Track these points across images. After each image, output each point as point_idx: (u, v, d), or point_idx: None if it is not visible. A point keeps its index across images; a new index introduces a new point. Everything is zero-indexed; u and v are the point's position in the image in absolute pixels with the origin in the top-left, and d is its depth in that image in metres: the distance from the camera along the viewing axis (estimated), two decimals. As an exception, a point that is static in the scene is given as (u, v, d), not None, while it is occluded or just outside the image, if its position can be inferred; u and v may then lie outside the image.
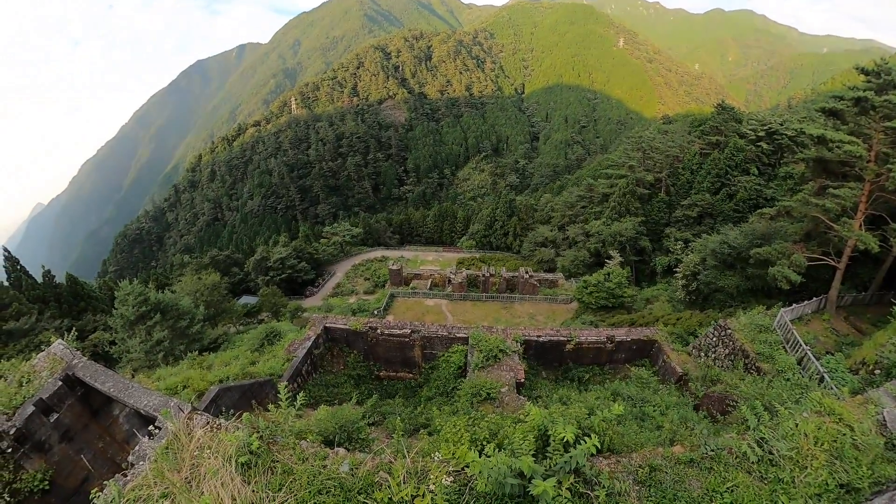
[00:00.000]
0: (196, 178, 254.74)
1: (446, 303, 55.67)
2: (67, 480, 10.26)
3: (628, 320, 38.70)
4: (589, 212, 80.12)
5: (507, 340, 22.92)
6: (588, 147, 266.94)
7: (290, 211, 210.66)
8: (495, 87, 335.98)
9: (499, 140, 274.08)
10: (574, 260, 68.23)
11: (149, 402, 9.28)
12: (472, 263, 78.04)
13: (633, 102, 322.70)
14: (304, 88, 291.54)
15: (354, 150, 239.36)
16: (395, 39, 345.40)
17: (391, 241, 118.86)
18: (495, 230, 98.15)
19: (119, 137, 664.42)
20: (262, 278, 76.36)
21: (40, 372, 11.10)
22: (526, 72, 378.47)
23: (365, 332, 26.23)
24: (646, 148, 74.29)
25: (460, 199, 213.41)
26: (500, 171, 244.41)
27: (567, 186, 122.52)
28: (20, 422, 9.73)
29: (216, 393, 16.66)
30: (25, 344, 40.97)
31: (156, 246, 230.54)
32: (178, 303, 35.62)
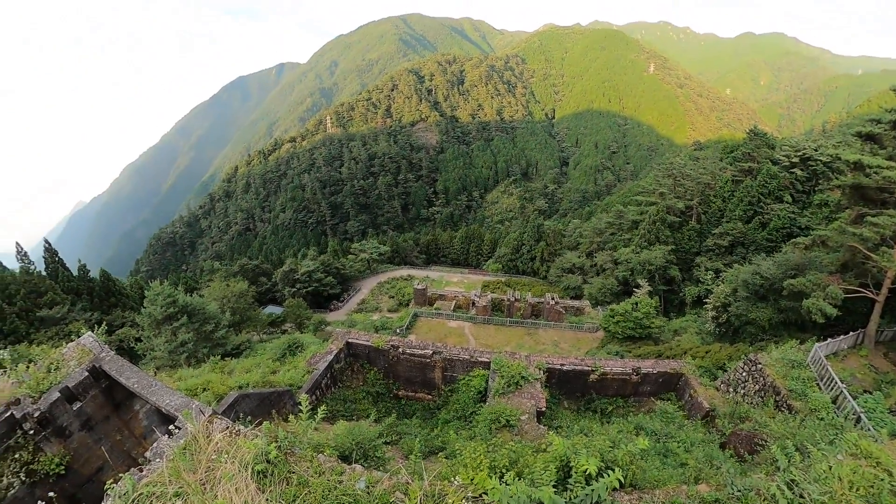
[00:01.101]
0: (231, 188, 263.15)
1: (469, 325, 55.10)
2: (83, 468, 10.42)
3: (655, 352, 37.54)
4: (618, 239, 78.71)
5: (529, 367, 22.56)
6: (618, 173, 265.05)
7: (320, 226, 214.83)
8: (526, 112, 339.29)
9: (528, 164, 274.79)
10: (601, 288, 66.89)
11: (171, 401, 9.39)
12: (498, 287, 77.39)
13: (663, 128, 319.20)
14: (340, 108, 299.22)
15: (386, 170, 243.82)
16: (428, 63, 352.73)
17: (417, 261, 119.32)
18: (522, 254, 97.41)
19: (160, 145, 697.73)
20: (289, 290, 77.39)
21: (68, 361, 11.43)
22: (557, 97, 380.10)
23: (387, 350, 26.20)
24: (677, 175, 73.18)
25: (488, 222, 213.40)
26: (529, 196, 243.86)
27: (596, 212, 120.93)
28: (45, 406, 9.99)
29: (235, 398, 16.83)
30: (56, 332, 42.76)
31: (188, 250, 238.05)
32: (205, 307, 36.31)
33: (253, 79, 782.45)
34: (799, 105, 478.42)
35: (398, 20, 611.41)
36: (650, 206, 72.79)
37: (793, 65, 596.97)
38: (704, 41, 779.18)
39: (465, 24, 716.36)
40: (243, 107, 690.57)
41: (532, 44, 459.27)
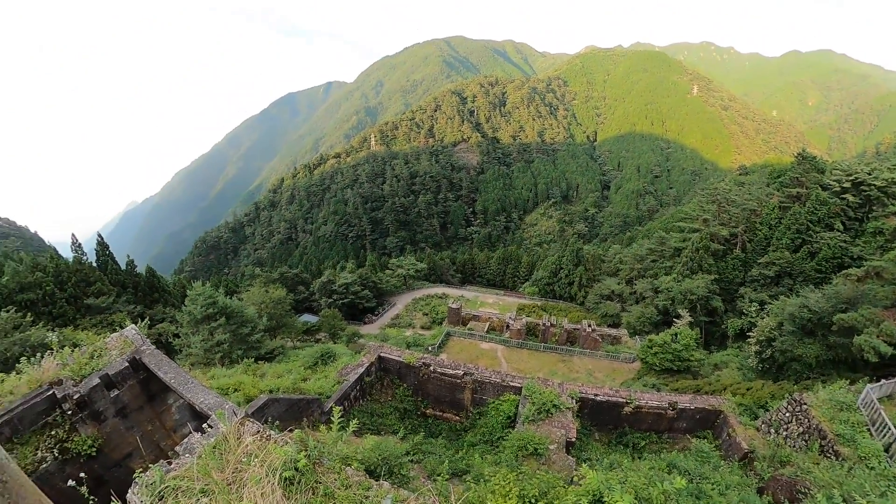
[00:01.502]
0: (276, 198, 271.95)
1: (502, 348, 54.29)
2: (113, 452, 10.77)
3: (693, 386, 35.85)
4: (659, 266, 76.61)
5: (562, 396, 21.97)
6: (660, 198, 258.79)
7: (359, 240, 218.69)
8: (567, 135, 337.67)
9: (569, 187, 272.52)
10: (640, 317, 64.92)
11: (205, 399, 9.59)
12: (533, 311, 76.22)
13: (707, 152, 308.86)
14: (384, 127, 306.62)
15: (426, 189, 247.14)
16: (471, 85, 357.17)
17: (453, 280, 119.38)
18: (560, 278, 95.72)
19: (211, 153, 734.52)
20: (326, 300, 78.90)
21: (111, 350, 11.97)
22: (598, 119, 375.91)
23: (418, 367, 26.06)
24: (721, 200, 70.97)
25: (526, 244, 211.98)
26: (569, 219, 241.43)
27: (637, 238, 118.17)
28: (84, 390, 10.46)
29: (265, 402, 17.01)
30: (100, 320, 45.21)
31: (230, 255, 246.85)
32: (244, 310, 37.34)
33: (302, 95, 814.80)
34: (850, 126, 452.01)
35: (442, 42, 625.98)
36: (693, 234, 70.83)
37: (842, 83, 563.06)
38: (749, 61, 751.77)
39: (508, 46, 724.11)
40: (292, 121, 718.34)
41: (574, 66, 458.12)
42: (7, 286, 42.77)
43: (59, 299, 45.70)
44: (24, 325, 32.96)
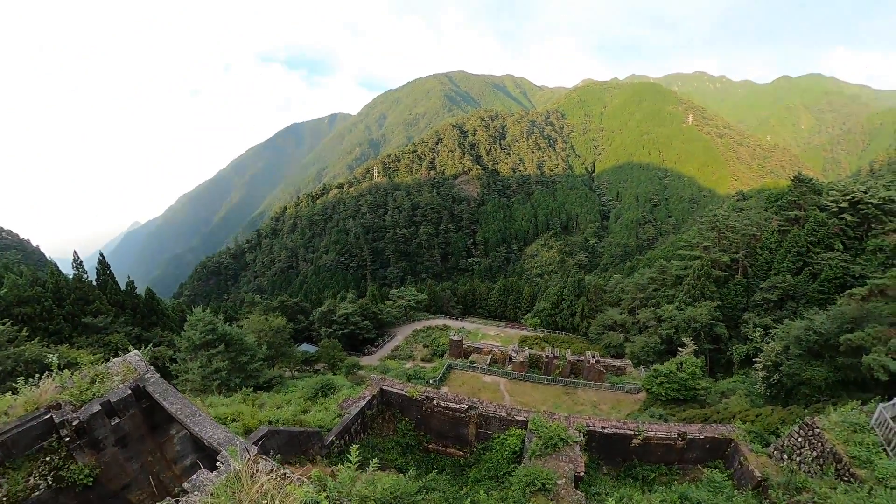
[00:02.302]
0: (278, 226, 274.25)
1: (505, 381, 53.34)
2: (111, 482, 10.37)
3: (701, 415, 34.99)
4: (661, 295, 76.09)
5: (569, 429, 21.49)
6: (660, 227, 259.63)
7: (360, 270, 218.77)
8: (566, 166, 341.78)
9: (568, 218, 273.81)
10: (644, 346, 64.08)
11: (214, 434, 9.31)
12: (536, 342, 75.43)
13: (705, 179, 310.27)
14: (387, 159, 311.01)
15: (427, 220, 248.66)
16: (472, 118, 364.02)
17: (454, 311, 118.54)
18: (562, 309, 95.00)
19: (216, 179, 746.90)
20: (325, 330, 78.07)
21: (113, 375, 11.65)
22: (596, 151, 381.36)
23: (421, 401, 25.55)
24: (720, 227, 71.10)
25: (527, 275, 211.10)
26: (569, 249, 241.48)
27: (638, 267, 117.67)
28: (84, 416, 10.12)
29: (265, 433, 16.63)
30: (97, 339, 44.70)
31: (231, 281, 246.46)
32: (243, 338, 36.92)
33: (307, 126, 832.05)
34: (843, 146, 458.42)
35: (444, 77, 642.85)
36: (694, 261, 70.67)
37: (833, 105, 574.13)
38: (742, 88, 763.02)
39: (507, 80, 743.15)
40: (296, 151, 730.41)
41: (571, 99, 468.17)
42: (5, 298, 42.72)
43: (56, 316, 45.48)
44: (20, 340, 32.63)
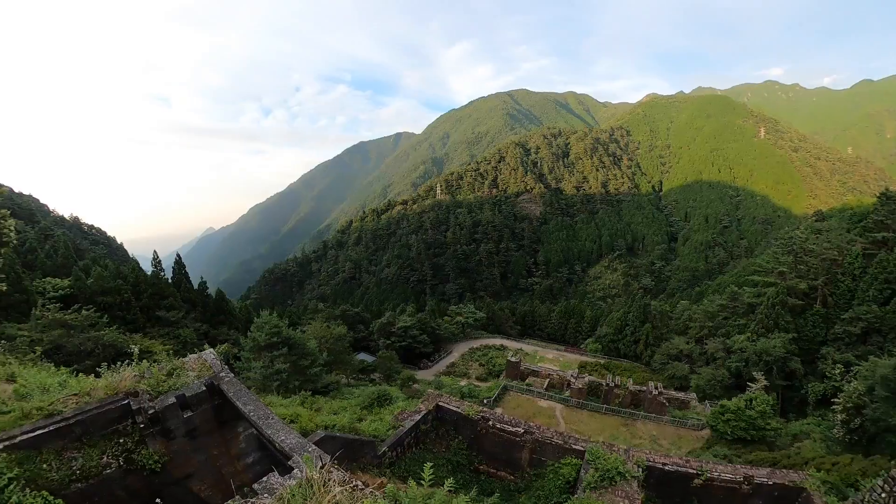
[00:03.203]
0: (344, 239, 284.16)
1: (561, 407, 51.66)
2: (175, 470, 10.78)
3: (770, 459, 31.86)
4: (731, 324, 71.34)
5: (627, 463, 20.38)
6: (731, 249, 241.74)
7: (420, 284, 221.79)
8: (632, 185, 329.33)
9: (634, 239, 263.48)
10: (711, 379, 59.88)
11: (286, 438, 9.52)
12: (596, 369, 73.19)
13: (779, 198, 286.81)
14: (450, 177, 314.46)
15: (488, 238, 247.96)
16: (534, 136, 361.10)
17: (512, 332, 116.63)
18: (625, 336, 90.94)
19: (286, 192, 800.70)
20: (384, 341, 79.35)
21: (189, 371, 12.26)
22: (663, 168, 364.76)
23: (476, 421, 25.13)
24: (797, 251, 65.50)
25: (589, 298, 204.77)
26: (634, 272, 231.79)
27: (707, 293, 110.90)
28: (159, 407, 10.68)
29: (321, 438, 16.94)
30: (167, 332, 48.55)
31: (295, 288, 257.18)
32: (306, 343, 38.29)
33: (373, 144, 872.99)
34: None
35: (505, 96, 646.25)
36: (768, 288, 65.70)
37: None
38: (817, 97, 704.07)
39: (569, 97, 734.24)
40: (363, 168, 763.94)
41: (636, 115, 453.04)
42: (91, 288, 47.30)
43: (134, 307, 49.92)
44: (100, 325, 36.04)
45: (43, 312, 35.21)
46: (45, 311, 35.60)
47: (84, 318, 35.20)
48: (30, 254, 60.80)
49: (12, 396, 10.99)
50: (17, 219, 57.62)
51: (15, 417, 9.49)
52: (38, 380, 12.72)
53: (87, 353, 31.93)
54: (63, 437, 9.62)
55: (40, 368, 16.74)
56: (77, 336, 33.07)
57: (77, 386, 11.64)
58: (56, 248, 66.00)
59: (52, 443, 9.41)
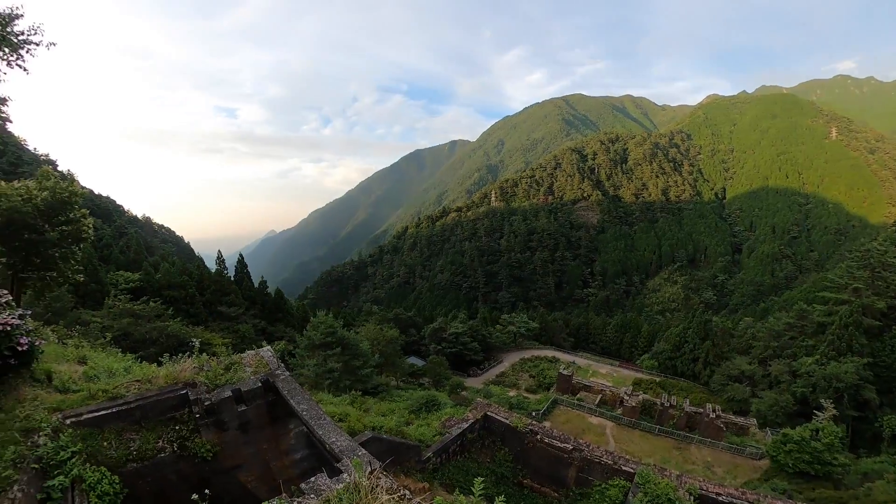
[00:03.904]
0: (399, 244, 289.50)
1: (612, 425, 49.68)
2: (225, 460, 11.17)
3: (835, 498, 29.05)
4: (799, 345, 66.25)
5: (679, 490, 19.41)
6: (800, 262, 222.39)
7: (473, 291, 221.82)
8: (694, 192, 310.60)
9: (696, 250, 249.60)
10: (773, 405, 55.51)
11: (337, 440, 9.67)
12: (650, 387, 69.99)
13: (854, 205, 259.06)
14: (504, 184, 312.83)
15: (543, 246, 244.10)
16: (591, 142, 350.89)
17: (565, 344, 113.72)
18: (683, 353, 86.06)
19: (345, 198, 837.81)
20: (434, 346, 79.68)
21: (246, 366, 12.75)
22: (727, 174, 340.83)
23: (524, 433, 24.78)
24: (874, 265, 59.69)
25: (647, 312, 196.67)
26: (695, 286, 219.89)
27: (773, 310, 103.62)
28: (216, 399, 11.13)
29: (368, 438, 17.04)
30: (227, 326, 51.72)
31: (351, 290, 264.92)
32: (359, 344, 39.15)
33: (428, 152, 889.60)
34: None
35: (560, 101, 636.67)
36: (840, 306, 60.22)
37: None
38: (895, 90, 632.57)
39: (626, 101, 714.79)
40: (418, 176, 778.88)
41: (696, 118, 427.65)
42: (159, 281, 51.15)
43: (197, 301, 53.62)
44: (165, 316, 38.79)
45: (115, 302, 38.46)
46: (117, 301, 38.91)
47: (151, 310, 38.00)
48: (106, 249, 66.65)
49: (82, 377, 11.80)
50: (96, 217, 63.43)
51: (82, 397, 10.21)
52: (106, 364, 13.71)
53: (152, 342, 34.33)
54: (124, 419, 10.24)
55: (109, 353, 18.03)
56: (144, 325, 35.70)
57: (140, 372, 12.40)
58: (129, 245, 72.10)
59: (114, 423, 10.05)
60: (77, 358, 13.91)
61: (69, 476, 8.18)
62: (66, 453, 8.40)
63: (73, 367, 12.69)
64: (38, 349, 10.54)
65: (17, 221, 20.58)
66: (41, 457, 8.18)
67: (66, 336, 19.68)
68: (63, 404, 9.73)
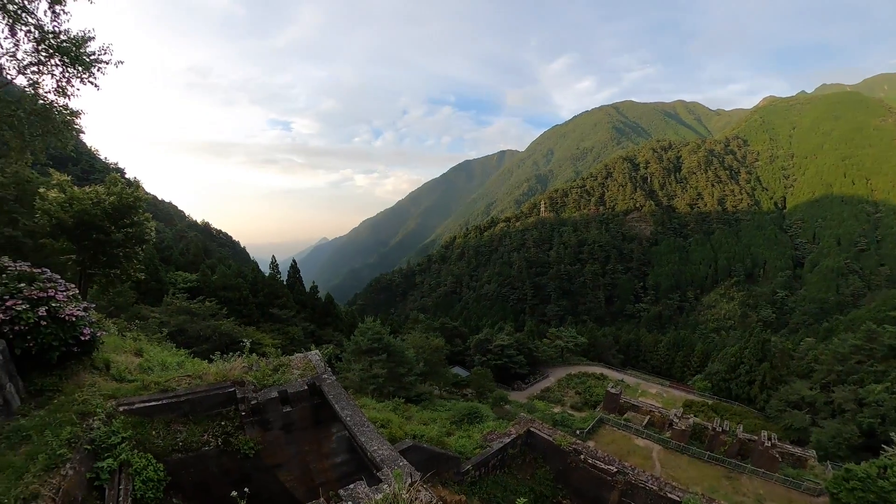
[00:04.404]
0: (447, 254, 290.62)
1: (659, 449, 47.34)
2: (267, 458, 11.46)
3: None
4: (867, 370, 61.78)
5: (726, 522, 17.75)
6: (868, 278, 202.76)
7: (520, 303, 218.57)
8: (752, 201, 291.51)
9: (754, 263, 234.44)
10: (836, 436, 51.49)
11: (378, 449, 9.71)
12: (702, 410, 66.65)
13: None
14: (554, 194, 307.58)
15: (594, 258, 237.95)
16: (643, 150, 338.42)
17: (614, 361, 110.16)
18: (738, 375, 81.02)
19: (395, 208, 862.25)
20: (479, 357, 79.18)
21: (293, 368, 13.11)
22: (787, 182, 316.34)
23: (567, 452, 24.26)
24: None
25: (701, 329, 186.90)
26: (753, 302, 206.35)
27: (838, 331, 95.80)
28: (262, 399, 11.44)
29: (408, 447, 17.02)
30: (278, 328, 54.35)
31: (399, 297, 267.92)
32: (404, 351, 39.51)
33: (477, 163, 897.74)
34: None
35: (610, 108, 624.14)
36: None
37: None
38: None
39: (678, 107, 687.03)
40: (467, 186, 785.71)
41: (753, 122, 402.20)
42: (215, 283, 54.26)
43: (250, 303, 56.51)
44: (220, 315, 40.85)
45: (173, 300, 40.83)
46: (175, 299, 41.30)
47: (206, 309, 40.17)
48: (166, 251, 71.64)
49: (137, 368, 12.55)
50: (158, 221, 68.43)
51: (136, 387, 10.86)
52: (161, 357, 14.52)
53: (205, 339, 36.21)
54: (173, 411, 10.73)
55: (164, 347, 19.16)
56: (198, 323, 37.71)
57: (192, 368, 13.00)
58: (188, 248, 77.11)
59: (163, 414, 10.55)
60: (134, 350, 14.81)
61: (118, 459, 8.81)
62: (116, 438, 9.04)
63: (130, 358, 13.50)
64: (100, 340, 11.46)
65: (87, 223, 23.03)
66: (94, 439, 8.83)
67: (126, 329, 21.14)
68: (118, 392, 10.39)
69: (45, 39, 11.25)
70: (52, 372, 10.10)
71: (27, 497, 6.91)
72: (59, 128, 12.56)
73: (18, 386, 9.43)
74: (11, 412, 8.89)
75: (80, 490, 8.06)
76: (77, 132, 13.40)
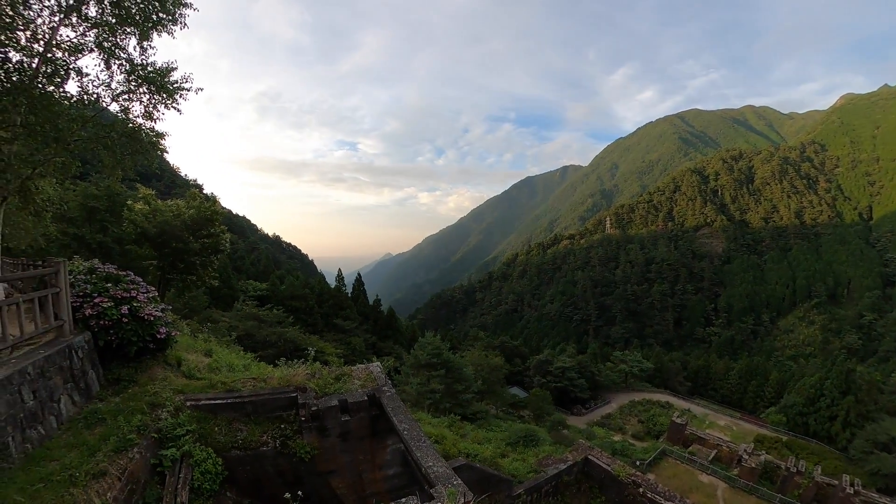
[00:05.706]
0: (509, 271, 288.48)
1: (725, 487, 43.78)
2: (321, 464, 11.72)
3: None
4: None
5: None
6: None
7: (583, 324, 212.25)
8: (833, 213, 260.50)
9: (837, 283, 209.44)
10: None
11: (433, 465, 9.65)
12: (775, 447, 60.93)
13: None
14: (620, 210, 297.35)
15: (662, 278, 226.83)
16: (712, 161, 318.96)
17: (681, 388, 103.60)
18: (818, 409, 73.05)
19: (457, 225, 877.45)
20: (539, 379, 77.43)
21: (354, 378, 13.46)
22: (872, 189, 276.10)
23: (626, 484, 23.01)
24: None
25: (776, 356, 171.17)
26: (836, 327, 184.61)
27: None
28: (322, 406, 11.78)
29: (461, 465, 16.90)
30: (340, 338, 57.40)
31: (459, 314, 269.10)
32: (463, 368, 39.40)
33: (539, 179, 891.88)
34: None
35: (675, 118, 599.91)
36: None
37: None
38: None
39: (747, 112, 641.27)
40: (529, 203, 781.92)
41: (830, 124, 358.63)
42: (283, 292, 57.81)
43: (315, 313, 59.48)
44: (286, 323, 43.13)
45: (243, 306, 43.54)
46: (245, 305, 44.11)
47: (274, 316, 42.41)
48: (239, 260, 77.05)
49: (206, 368, 13.51)
50: (232, 233, 74.04)
51: (203, 385, 11.68)
52: (229, 359, 15.48)
53: (271, 344, 38.11)
54: (236, 410, 11.30)
55: (232, 350, 20.40)
56: (266, 329, 39.75)
57: (257, 371, 13.76)
58: (259, 259, 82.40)
59: (226, 413, 11.16)
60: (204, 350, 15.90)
61: (181, 450, 9.56)
62: (181, 430, 9.82)
63: (200, 357, 14.53)
64: (173, 339, 12.61)
65: (168, 233, 26.27)
66: (161, 429, 9.66)
67: (198, 330, 22.94)
68: (186, 388, 11.23)
69: (134, 71, 12.73)
70: (129, 364, 11.30)
71: (96, 473, 7.70)
72: (146, 148, 14.11)
73: (99, 374, 10.64)
74: (91, 396, 10.03)
75: (143, 473, 8.82)
76: (162, 152, 14.97)
